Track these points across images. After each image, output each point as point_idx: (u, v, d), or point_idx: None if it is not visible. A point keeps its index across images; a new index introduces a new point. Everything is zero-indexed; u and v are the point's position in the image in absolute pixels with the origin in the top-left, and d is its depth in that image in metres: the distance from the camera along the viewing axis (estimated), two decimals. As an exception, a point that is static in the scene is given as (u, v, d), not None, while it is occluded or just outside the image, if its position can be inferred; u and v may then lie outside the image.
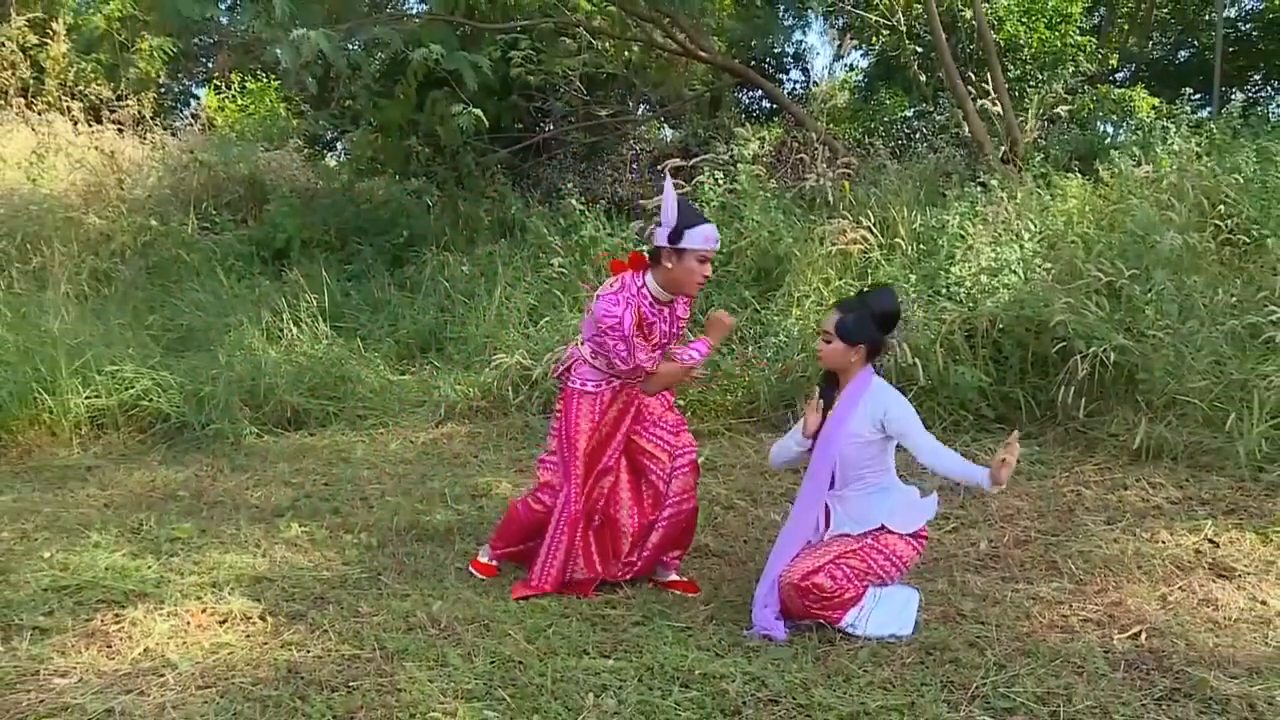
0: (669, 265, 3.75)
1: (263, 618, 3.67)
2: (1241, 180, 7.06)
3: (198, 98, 17.54)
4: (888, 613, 3.49)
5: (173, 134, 13.60)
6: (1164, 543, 4.27)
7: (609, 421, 3.96)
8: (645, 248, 4.04)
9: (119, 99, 13.08)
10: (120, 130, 12.79)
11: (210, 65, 16.92)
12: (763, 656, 3.31)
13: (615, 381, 3.93)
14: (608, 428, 3.96)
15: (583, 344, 3.97)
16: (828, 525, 3.60)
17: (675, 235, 3.70)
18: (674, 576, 4.11)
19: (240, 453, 6.32)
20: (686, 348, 4.04)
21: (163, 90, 15.50)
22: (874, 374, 3.58)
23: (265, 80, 15.33)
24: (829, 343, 3.54)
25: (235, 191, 11.62)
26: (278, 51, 7.55)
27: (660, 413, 4.07)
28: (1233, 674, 3.10)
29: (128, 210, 10.61)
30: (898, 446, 3.57)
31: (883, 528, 3.52)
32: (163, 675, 3.20)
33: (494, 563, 4.22)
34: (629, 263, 3.90)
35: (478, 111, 8.51)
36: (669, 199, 3.75)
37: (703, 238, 3.72)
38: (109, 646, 3.45)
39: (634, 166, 13.22)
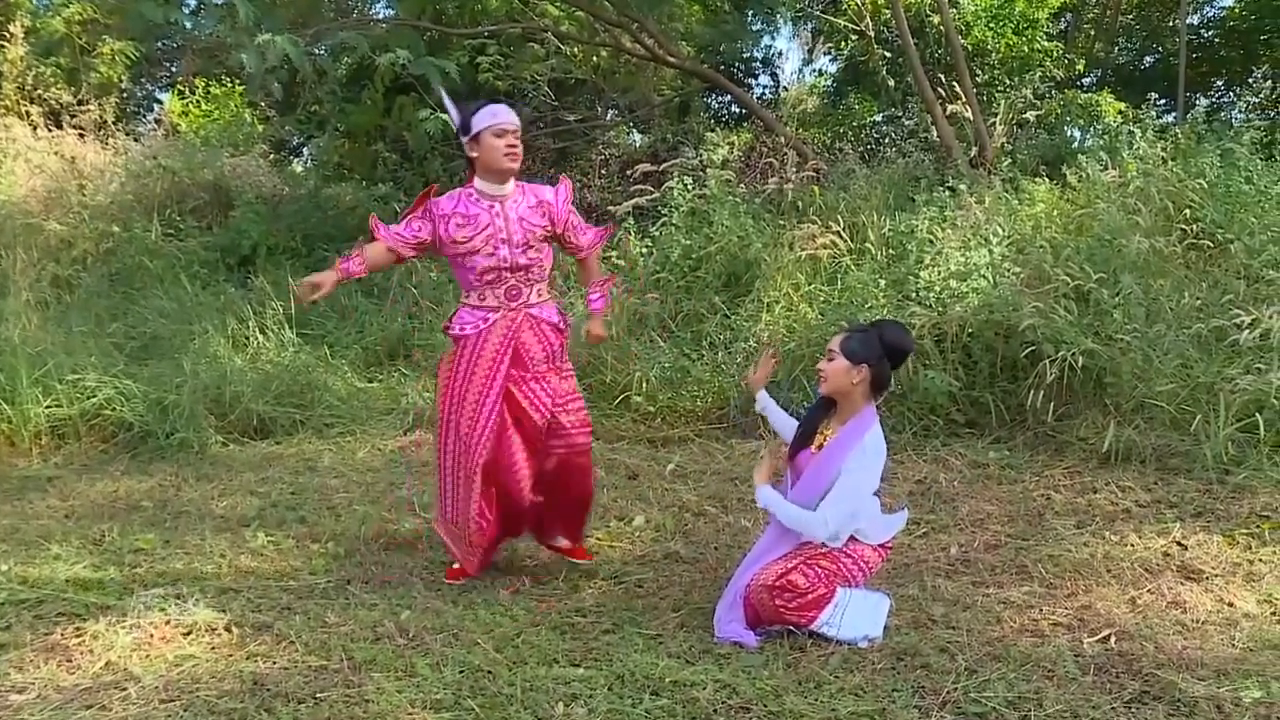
0: (475, 155, 3.88)
1: (228, 629, 3.64)
2: (1206, 185, 7.13)
3: (161, 103, 17.37)
4: (860, 614, 3.49)
5: (135, 139, 13.47)
6: (1133, 546, 4.30)
7: (483, 360, 3.94)
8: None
9: (80, 103, 12.93)
10: (81, 135, 12.64)
11: (174, 70, 16.77)
12: (733, 664, 3.31)
13: (491, 317, 3.94)
14: (482, 366, 3.94)
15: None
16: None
17: (465, 129, 3.87)
18: (564, 542, 4.27)
19: (205, 462, 6.26)
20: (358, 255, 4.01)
21: (125, 95, 15.33)
22: (875, 418, 3.53)
23: (230, 85, 15.21)
24: (831, 360, 3.49)
25: (200, 198, 11.52)
26: (243, 56, 7.51)
27: (542, 369, 4.03)
28: (1200, 676, 3.12)
29: (89, 217, 10.50)
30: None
31: (852, 539, 3.52)
32: (125, 689, 3.16)
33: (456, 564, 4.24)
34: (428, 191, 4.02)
35: (445, 117, 8.49)
36: (450, 109, 3.99)
37: (490, 114, 3.83)
38: (69, 660, 3.40)
39: (603, 172, 13.22)
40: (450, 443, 4.02)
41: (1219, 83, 15.42)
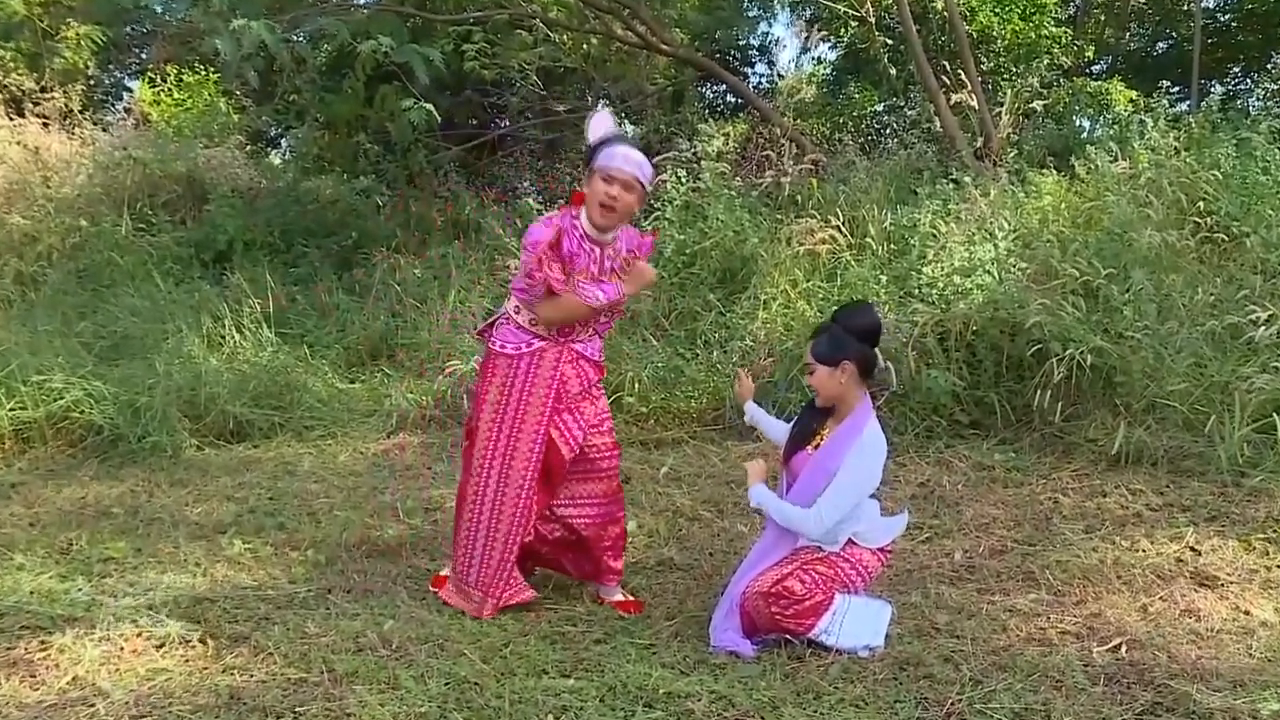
0: (586, 190, 3.72)
1: (203, 641, 3.63)
2: (1221, 176, 7.15)
3: (131, 91, 17.33)
4: (860, 622, 3.49)
5: (104, 129, 13.42)
6: (1144, 551, 4.31)
7: (536, 398, 3.82)
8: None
9: (43, 90, 12.89)
10: (46, 124, 12.61)
11: (144, 56, 16.71)
12: (729, 674, 3.31)
13: (537, 344, 3.83)
14: (535, 405, 3.82)
15: (509, 297, 3.92)
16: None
17: (590, 156, 3.72)
18: (619, 596, 4.08)
19: (179, 466, 6.25)
20: (595, 285, 3.78)
21: (92, 82, 15.28)
22: (871, 414, 3.53)
23: (204, 73, 15.15)
24: (812, 373, 3.51)
25: (172, 190, 11.48)
26: (217, 43, 7.49)
27: (577, 402, 3.91)
28: (1216, 687, 3.12)
29: (55, 210, 10.47)
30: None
31: (849, 542, 3.52)
32: (93, 705, 3.15)
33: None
34: (574, 199, 3.83)
35: (429, 107, 8.47)
36: (594, 124, 3.78)
37: (608, 155, 3.66)
38: (33, 676, 3.38)
39: (594, 164, 13.19)
40: (492, 486, 3.86)
41: (1235, 69, 15.42)
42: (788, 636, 3.49)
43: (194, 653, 3.54)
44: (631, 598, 4.07)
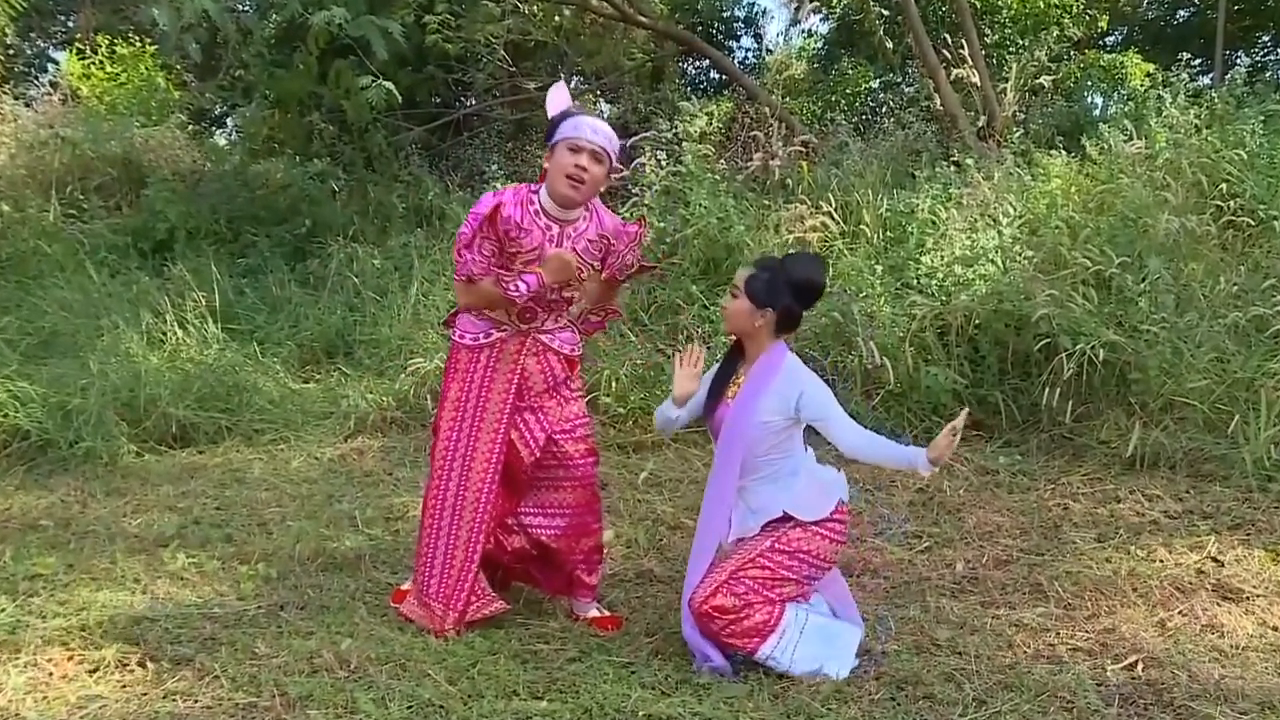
0: (548, 167, 3.74)
1: (142, 664, 3.61)
2: (1246, 155, 7.16)
3: (56, 63, 17.21)
4: (818, 645, 3.47)
5: (27, 104, 13.35)
6: (1162, 562, 4.34)
7: (495, 393, 3.85)
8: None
9: (-45, 61, 12.81)
10: (-43, 99, 12.55)
11: (71, 24, 16.56)
12: (714, 695, 3.32)
13: (496, 335, 3.85)
14: (494, 401, 3.85)
15: None
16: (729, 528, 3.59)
17: (551, 129, 3.74)
18: (595, 612, 4.07)
19: (116, 474, 6.21)
20: (515, 277, 3.74)
21: (11, 52, 15.14)
22: (787, 351, 3.56)
23: (139, 45, 15.05)
24: (735, 298, 3.52)
25: (106, 173, 11.43)
26: (153, 12, 7.45)
27: (541, 400, 3.91)
28: (1241, 709, 3.15)
29: (-29, 194, 10.41)
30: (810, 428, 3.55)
31: (785, 517, 3.48)
32: (20, 735, 3.14)
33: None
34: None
35: (389, 85, 8.47)
36: (553, 97, 3.82)
37: (572, 126, 3.69)
38: (-47, 704, 3.37)
39: (567, 145, 13.19)
40: (453, 489, 3.89)
41: (1264, 38, 15.38)
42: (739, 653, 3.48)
43: (132, 677, 3.53)
44: (608, 613, 4.07)
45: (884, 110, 12.39)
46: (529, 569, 4.14)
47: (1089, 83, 12.20)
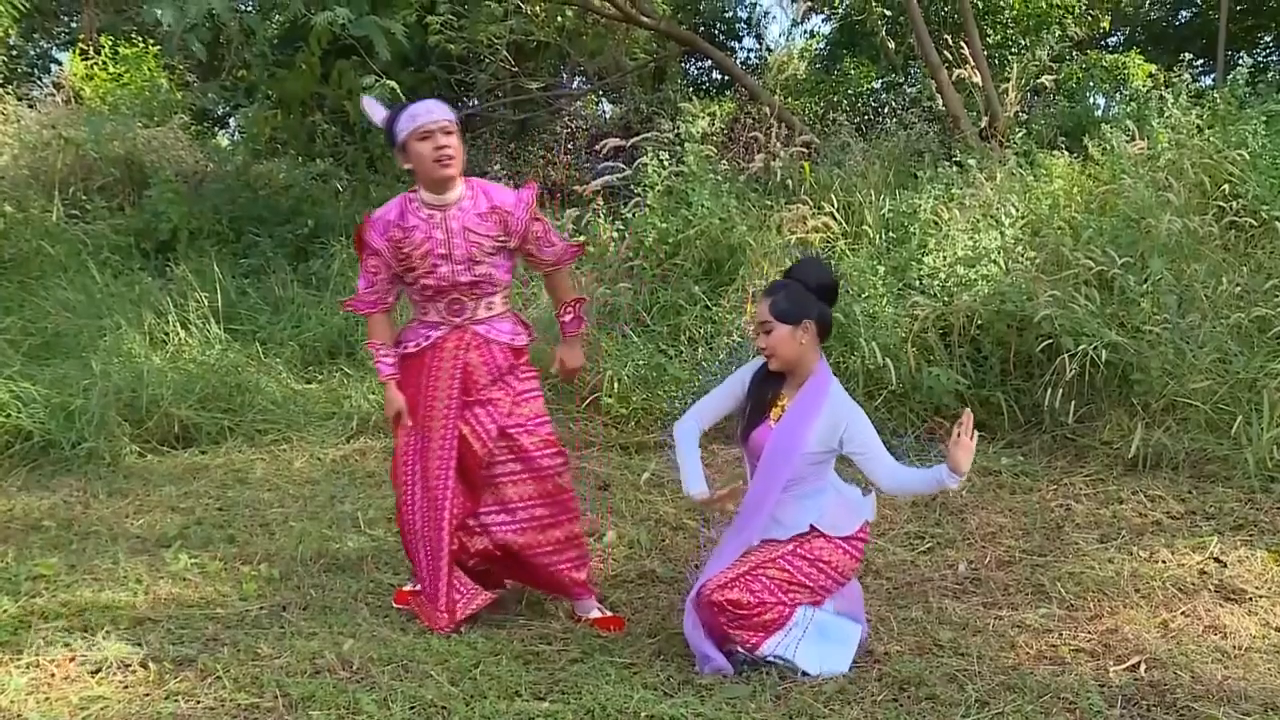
0: (409, 167, 3.86)
1: (144, 665, 3.61)
2: (1248, 156, 7.15)
3: (59, 63, 17.22)
4: (821, 645, 3.47)
5: (30, 105, 13.34)
6: (1164, 563, 4.34)
7: (440, 393, 3.92)
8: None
9: (-43, 62, 12.82)
10: (-40, 100, 12.55)
11: (74, 25, 16.57)
12: (716, 696, 3.31)
13: (435, 335, 3.93)
14: (440, 401, 3.92)
15: None
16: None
17: (390, 139, 3.88)
18: (596, 613, 4.06)
19: (118, 475, 6.21)
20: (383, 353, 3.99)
21: (14, 53, 15.16)
22: (831, 375, 3.53)
23: (143, 45, 15.06)
24: (770, 332, 3.45)
25: (109, 174, 11.42)
26: (157, 11, 7.45)
27: (490, 394, 3.95)
28: (1245, 710, 3.14)
29: (-26, 194, 10.41)
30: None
31: (811, 530, 3.48)
32: (21, 736, 3.13)
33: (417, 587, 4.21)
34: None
35: (392, 84, 8.46)
36: (371, 115, 4.02)
37: (409, 117, 3.80)
38: (-47, 705, 3.37)
39: (569, 146, 13.23)
40: (418, 492, 3.96)
41: (1266, 38, 15.38)
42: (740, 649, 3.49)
43: (134, 678, 3.53)
44: (610, 613, 4.07)
45: (886, 110, 12.41)
46: (500, 570, 4.13)
47: (1091, 83, 12.21)
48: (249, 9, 10.88)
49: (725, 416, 3.76)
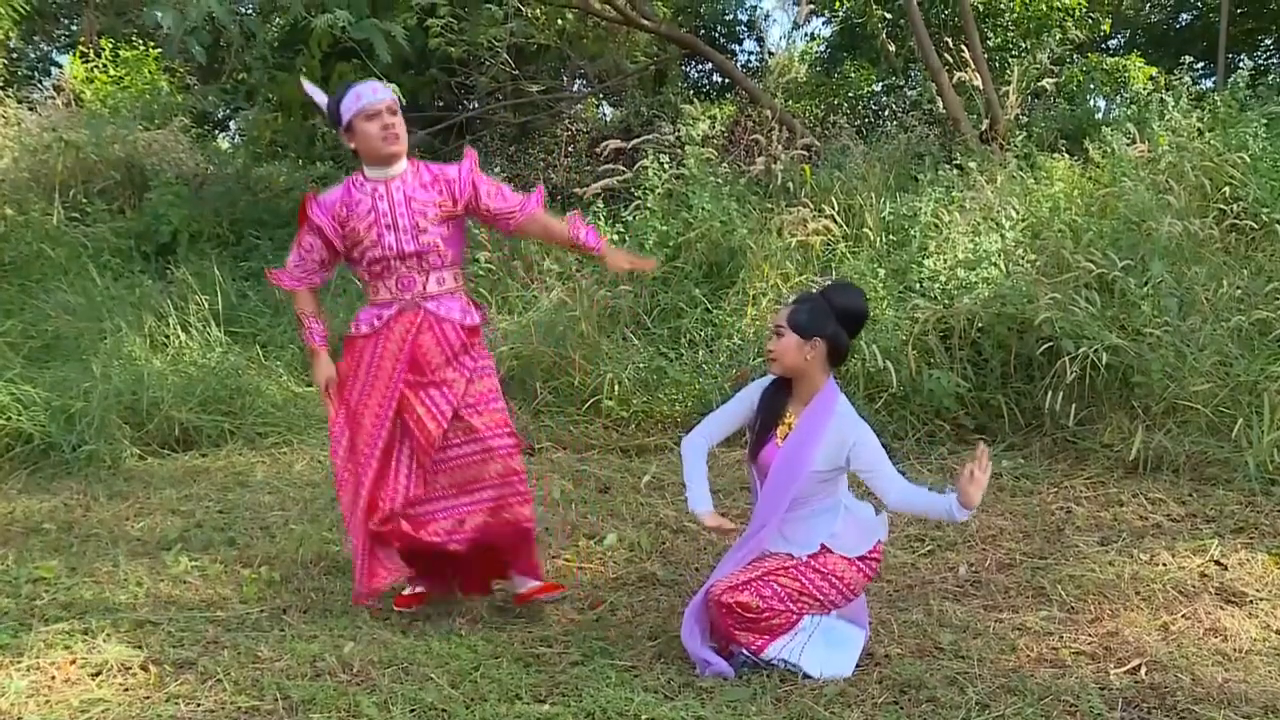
0: (354, 147, 3.95)
1: (144, 667, 3.61)
2: (1249, 159, 7.15)
3: (59, 66, 17.20)
4: (825, 650, 3.47)
5: (30, 108, 13.35)
6: (1165, 565, 4.33)
7: (384, 369, 3.98)
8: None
9: (-43, 65, 12.82)
10: (-40, 103, 12.56)
11: (74, 27, 16.57)
12: (716, 698, 3.31)
13: (385, 314, 3.98)
14: (383, 378, 3.98)
15: None
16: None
17: (335, 119, 3.95)
18: (532, 583, 4.12)
19: (119, 478, 6.21)
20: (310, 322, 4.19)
21: (15, 56, 15.16)
22: (839, 393, 3.52)
23: (143, 48, 15.07)
24: (780, 337, 3.45)
25: (110, 177, 11.43)
26: (157, 14, 7.45)
27: (444, 374, 3.97)
28: (1245, 712, 3.14)
29: (-26, 197, 10.41)
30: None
31: (823, 548, 3.48)
32: (22, 738, 3.13)
33: (418, 589, 4.22)
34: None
35: (392, 87, 8.45)
36: (315, 99, 4.07)
37: (355, 98, 3.88)
38: (-47, 708, 3.36)
39: (569, 149, 13.22)
40: (347, 464, 4.03)
41: (1267, 41, 15.36)
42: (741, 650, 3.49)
43: (134, 681, 3.53)
44: (546, 583, 4.15)
45: (886, 113, 12.42)
46: (454, 561, 4.14)
47: (1091, 86, 12.20)
48: (249, 12, 10.89)
49: (735, 432, 3.75)
